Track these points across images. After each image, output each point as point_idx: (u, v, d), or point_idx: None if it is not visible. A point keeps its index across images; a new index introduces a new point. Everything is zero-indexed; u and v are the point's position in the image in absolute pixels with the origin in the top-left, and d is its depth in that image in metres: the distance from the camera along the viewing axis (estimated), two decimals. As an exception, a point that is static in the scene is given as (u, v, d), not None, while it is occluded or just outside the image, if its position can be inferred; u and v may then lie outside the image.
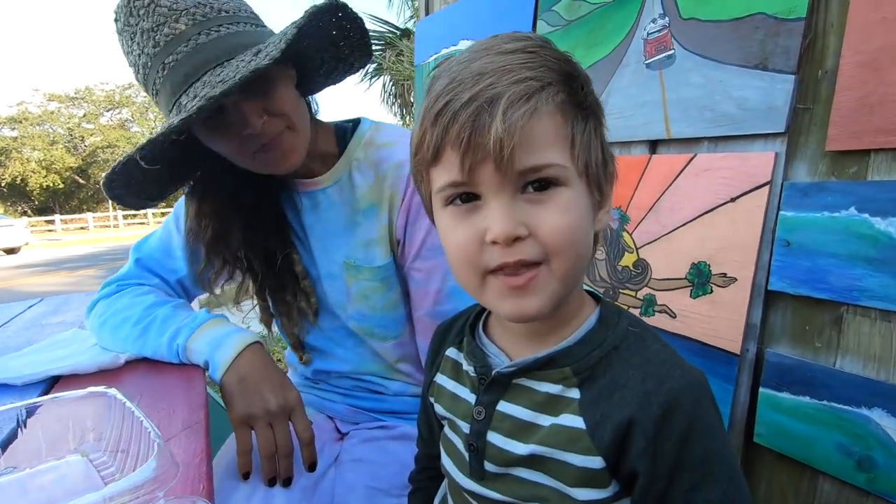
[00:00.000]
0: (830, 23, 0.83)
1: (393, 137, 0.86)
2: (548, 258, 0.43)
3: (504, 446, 0.49)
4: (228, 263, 0.88)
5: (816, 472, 0.85)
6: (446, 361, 0.59)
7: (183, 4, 0.67)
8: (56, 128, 32.52)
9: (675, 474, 0.42)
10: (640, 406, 0.43)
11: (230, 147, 0.73)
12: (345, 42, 0.78)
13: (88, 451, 0.48)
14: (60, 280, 8.72)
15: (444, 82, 0.44)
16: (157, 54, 0.68)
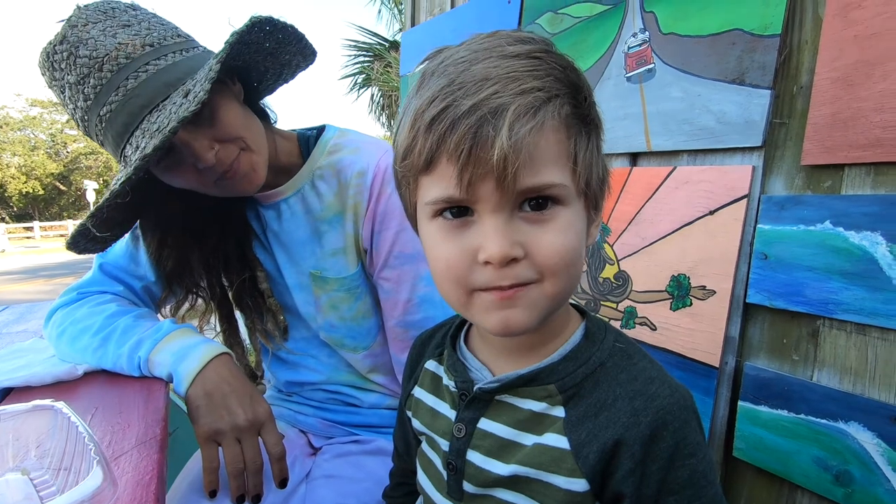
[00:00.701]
0: (805, 40, 0.84)
1: (357, 145, 0.85)
2: (542, 278, 0.41)
3: (484, 466, 0.46)
4: (191, 293, 0.88)
5: (795, 486, 0.84)
6: (425, 374, 0.56)
7: (103, 50, 0.63)
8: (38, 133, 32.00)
9: (660, 497, 0.41)
10: (628, 426, 0.41)
11: (190, 182, 0.71)
12: (284, 49, 0.75)
13: (30, 468, 0.44)
14: (37, 288, 8.50)
15: (441, 83, 0.39)
16: (91, 107, 0.65)
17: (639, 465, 0.41)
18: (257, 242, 0.88)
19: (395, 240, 0.79)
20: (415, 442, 0.58)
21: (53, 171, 31.22)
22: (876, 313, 0.74)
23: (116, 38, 0.64)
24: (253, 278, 0.88)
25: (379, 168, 0.79)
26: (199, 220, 0.83)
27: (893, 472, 0.72)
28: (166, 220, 0.82)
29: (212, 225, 0.85)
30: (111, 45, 0.64)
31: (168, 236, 0.83)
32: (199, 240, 0.84)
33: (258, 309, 0.91)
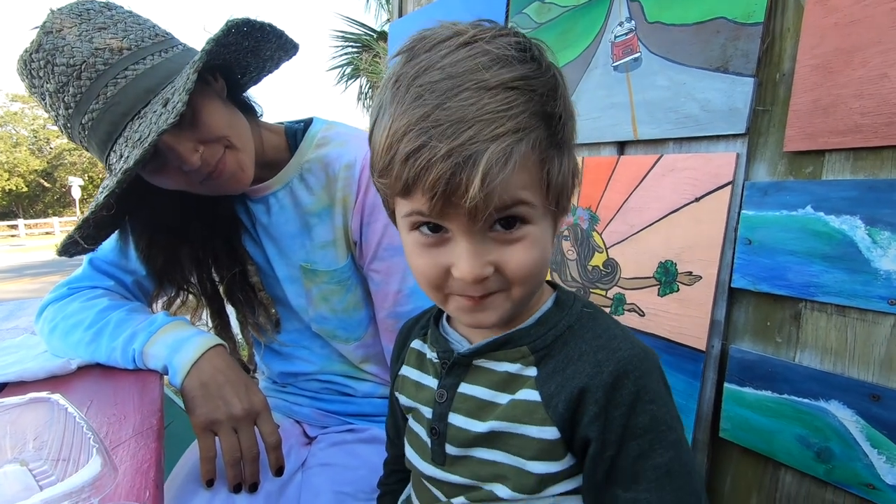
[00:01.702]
0: (787, 27, 0.85)
1: (345, 138, 0.85)
2: (510, 287, 0.45)
3: (464, 426, 0.50)
4: (182, 290, 0.88)
5: (779, 465, 0.87)
6: (411, 353, 0.59)
7: (80, 57, 0.63)
8: (20, 129, 31.38)
9: (623, 442, 0.44)
10: (592, 375, 0.45)
11: (178, 183, 0.72)
12: (264, 46, 0.75)
13: (28, 459, 0.45)
14: (23, 287, 8.39)
15: (416, 112, 0.40)
16: (72, 115, 0.65)
17: (602, 411, 0.44)
18: (247, 236, 0.88)
19: (384, 232, 0.79)
20: (404, 423, 0.60)
21: (37, 167, 30.70)
22: (855, 295, 0.76)
23: (93, 43, 0.63)
24: (243, 272, 0.88)
25: (367, 160, 0.80)
26: (187, 217, 0.83)
27: (872, 448, 0.75)
28: (153, 219, 0.82)
29: (199, 221, 0.85)
30: (88, 50, 0.63)
31: (156, 234, 0.83)
32: (187, 237, 0.85)
33: (249, 303, 0.91)
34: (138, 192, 0.75)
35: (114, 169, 0.65)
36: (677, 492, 0.44)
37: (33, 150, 31.39)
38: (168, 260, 0.84)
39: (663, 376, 0.48)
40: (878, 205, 0.74)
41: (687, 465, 0.45)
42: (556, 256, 1.30)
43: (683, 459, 0.45)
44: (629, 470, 0.44)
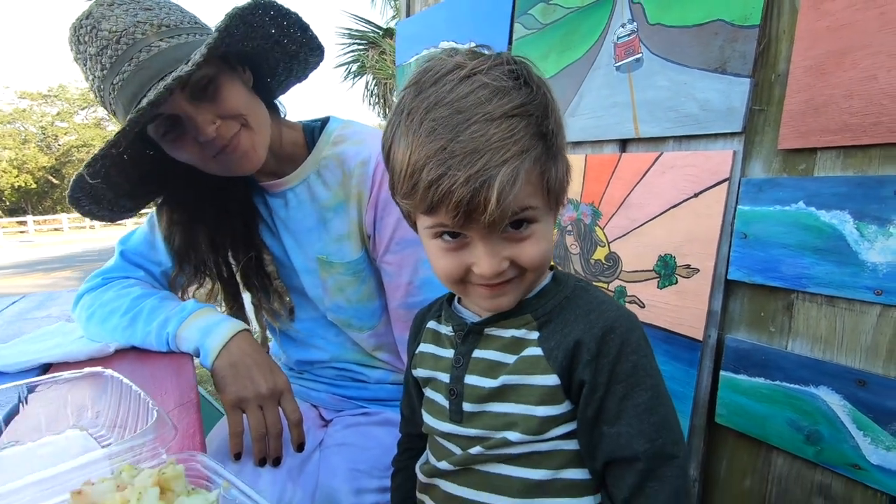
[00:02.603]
0: (782, 30, 0.89)
1: (360, 135, 0.89)
2: (523, 274, 0.54)
3: (478, 384, 0.57)
4: (198, 270, 0.92)
5: (771, 448, 0.91)
6: (427, 332, 0.66)
7: (122, 25, 0.69)
8: (28, 126, 31.64)
9: (610, 384, 0.52)
10: (585, 330, 0.53)
11: (193, 155, 0.76)
12: (288, 39, 0.80)
13: (87, 426, 0.50)
14: (35, 282, 8.51)
15: (434, 145, 0.46)
16: (106, 76, 0.71)
17: (593, 358, 0.52)
18: (266, 229, 0.93)
19: (397, 226, 0.84)
20: (418, 399, 0.66)
21: (45, 164, 30.95)
22: (844, 286, 0.80)
23: (136, 18, 0.70)
24: (259, 259, 0.93)
25: (380, 158, 0.84)
26: (202, 198, 0.88)
27: (858, 430, 0.79)
28: (173, 199, 0.88)
29: (215, 205, 0.89)
30: (130, 21, 0.70)
31: (175, 213, 0.88)
32: (203, 218, 0.89)
33: (265, 289, 0.96)
34: (161, 171, 0.80)
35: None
36: (654, 424, 0.52)
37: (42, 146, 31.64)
38: (185, 240, 0.89)
39: (643, 334, 0.56)
40: (866, 200, 0.77)
41: (664, 406, 0.53)
42: (560, 251, 1.35)
43: (661, 400, 0.53)
44: (614, 409, 0.52)
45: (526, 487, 0.54)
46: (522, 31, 1.43)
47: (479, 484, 0.57)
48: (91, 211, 0.80)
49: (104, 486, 0.31)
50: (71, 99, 32.73)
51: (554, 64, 1.31)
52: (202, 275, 0.94)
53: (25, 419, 0.50)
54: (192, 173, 0.81)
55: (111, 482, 0.31)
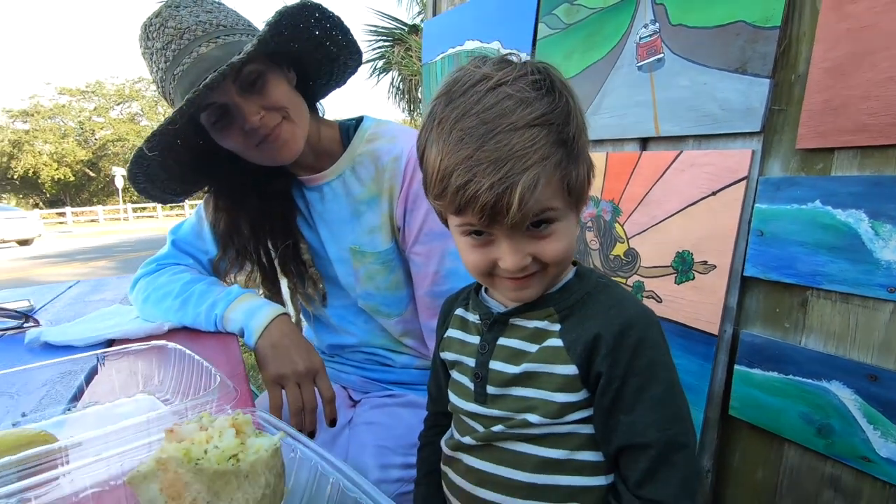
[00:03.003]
0: (803, 31, 0.91)
1: (393, 133, 0.96)
2: (545, 269, 0.57)
3: (502, 369, 0.61)
4: (239, 254, 0.99)
5: (783, 440, 0.93)
6: (455, 319, 0.70)
7: (186, 24, 0.78)
8: (67, 121, 32.86)
9: (626, 377, 0.55)
10: (604, 325, 0.56)
11: (238, 143, 0.83)
12: (330, 41, 0.87)
13: (154, 391, 0.58)
14: (75, 270, 8.90)
15: (462, 153, 0.51)
16: (168, 67, 0.79)
17: (611, 351, 0.55)
18: (302, 220, 1.00)
19: (425, 219, 0.90)
20: (445, 380, 0.71)
21: (83, 157, 32.10)
22: (858, 283, 0.82)
23: (198, 18, 0.79)
24: (296, 247, 1.00)
25: (411, 154, 0.90)
26: (247, 189, 0.95)
27: (868, 424, 0.81)
28: (218, 187, 0.95)
29: (257, 194, 0.96)
30: (193, 21, 0.79)
31: (220, 200, 0.96)
32: (246, 206, 0.96)
33: (300, 275, 1.02)
34: (205, 159, 0.87)
35: None
36: (667, 416, 0.54)
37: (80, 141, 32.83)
38: (229, 226, 0.96)
39: (661, 330, 0.58)
40: (882, 199, 0.79)
41: (677, 398, 0.56)
42: (580, 246, 1.38)
43: (674, 392, 0.56)
44: (630, 399, 0.55)
45: (542, 464, 0.59)
46: (546, 31, 1.46)
47: (498, 459, 0.61)
48: (146, 189, 0.87)
49: (190, 426, 0.37)
50: (107, 94, 33.86)
51: (577, 63, 1.34)
52: (243, 259, 1.00)
53: (102, 384, 0.58)
54: (237, 164, 0.88)
55: (195, 423, 0.38)
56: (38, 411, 0.55)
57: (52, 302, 1.14)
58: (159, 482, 0.34)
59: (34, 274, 8.61)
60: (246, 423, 0.38)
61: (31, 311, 1.01)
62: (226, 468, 0.34)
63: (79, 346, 0.76)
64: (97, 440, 0.40)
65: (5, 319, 0.91)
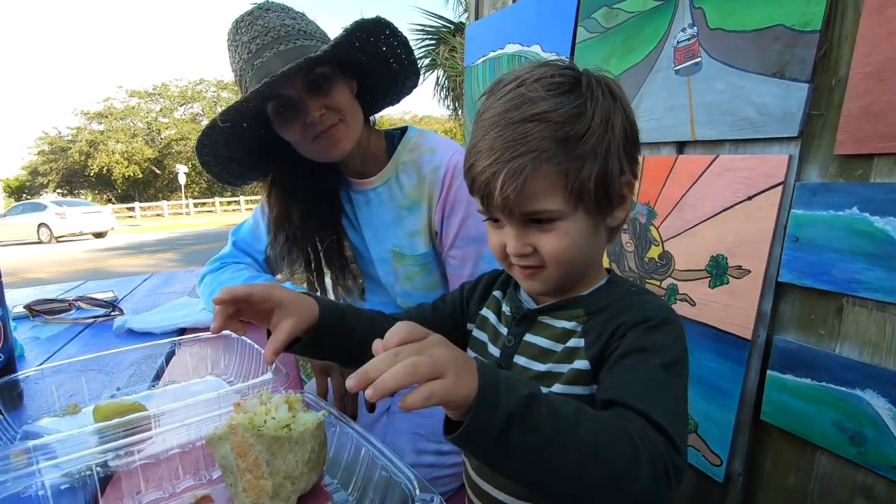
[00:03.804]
0: (844, 35, 0.89)
1: (433, 144, 1.02)
2: (547, 266, 0.60)
3: (527, 366, 0.64)
4: (288, 240, 1.07)
5: (815, 447, 0.93)
6: (492, 300, 0.74)
7: (272, 24, 0.88)
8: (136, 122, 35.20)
9: (630, 351, 0.55)
10: (622, 319, 0.58)
11: (296, 135, 0.92)
12: (394, 59, 0.95)
13: (220, 373, 0.67)
14: (143, 262, 9.60)
15: (474, 140, 0.59)
16: (249, 59, 0.89)
17: (623, 335, 0.56)
18: (347, 222, 1.09)
19: (462, 224, 0.96)
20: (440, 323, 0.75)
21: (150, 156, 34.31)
22: (895, 292, 0.81)
23: (283, 21, 0.90)
24: (339, 243, 1.08)
25: (450, 164, 0.96)
26: (300, 181, 1.04)
27: (902, 434, 0.80)
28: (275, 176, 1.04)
29: (308, 187, 1.05)
30: (279, 23, 0.89)
31: (275, 188, 1.05)
32: (298, 196, 1.04)
33: (342, 268, 1.11)
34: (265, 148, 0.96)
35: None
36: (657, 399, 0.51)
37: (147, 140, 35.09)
38: (281, 212, 1.05)
39: (682, 336, 0.58)
40: (922, 207, 0.78)
41: (674, 388, 0.53)
42: (615, 248, 1.40)
43: (674, 382, 0.53)
44: (628, 364, 0.54)
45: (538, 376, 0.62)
46: (585, 35, 1.48)
47: None
48: (208, 163, 0.96)
49: (253, 401, 0.46)
50: (171, 96, 36.00)
51: (615, 67, 1.36)
52: (292, 245, 1.07)
53: (178, 366, 0.68)
54: (293, 159, 0.97)
55: (256, 399, 0.46)
56: (128, 386, 0.66)
57: (131, 293, 1.29)
58: (230, 443, 0.42)
59: (108, 265, 9.35)
60: (296, 401, 0.46)
61: (115, 300, 1.15)
62: (280, 434, 0.43)
63: (157, 333, 0.87)
64: (179, 410, 0.49)
65: (96, 308, 1.05)
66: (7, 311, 0.63)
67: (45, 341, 0.93)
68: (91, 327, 1.01)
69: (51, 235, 14.91)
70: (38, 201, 17.23)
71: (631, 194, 0.63)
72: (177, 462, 0.48)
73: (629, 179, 0.62)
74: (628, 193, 0.62)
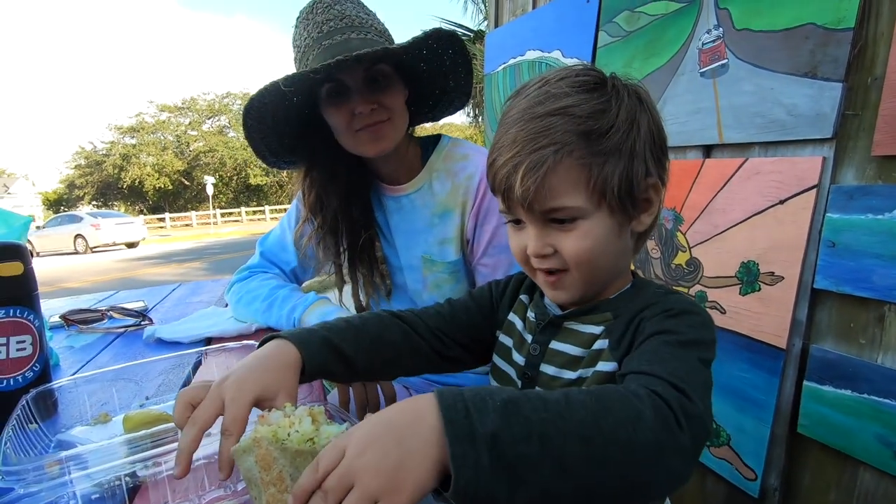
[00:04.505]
0: (881, 32, 0.86)
1: (467, 152, 1.03)
2: (570, 269, 0.58)
3: (557, 374, 0.62)
4: (324, 225, 1.05)
5: (857, 462, 0.89)
6: (519, 304, 0.72)
7: (348, 13, 0.91)
8: (166, 135, 36.34)
9: (649, 337, 0.53)
10: (643, 312, 0.56)
11: (341, 120, 0.92)
12: (452, 75, 0.97)
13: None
14: (172, 271, 9.87)
15: (497, 137, 0.58)
16: (319, 38, 0.90)
17: (641, 329, 0.54)
18: (378, 231, 1.09)
19: (494, 233, 0.96)
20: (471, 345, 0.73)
21: (179, 168, 35.35)
22: (941, 299, 0.77)
23: (359, 14, 0.93)
24: (372, 240, 1.08)
25: (483, 172, 0.96)
26: (339, 169, 1.03)
27: (953, 450, 0.76)
28: (314, 160, 1.04)
29: (345, 178, 1.04)
30: (355, 14, 0.92)
31: (313, 172, 1.04)
32: (336, 182, 1.03)
33: (371, 266, 1.10)
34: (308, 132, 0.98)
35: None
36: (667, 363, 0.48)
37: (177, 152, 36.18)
38: (318, 197, 1.04)
39: (705, 324, 0.55)
40: (969, 210, 0.74)
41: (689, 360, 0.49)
42: (640, 254, 1.37)
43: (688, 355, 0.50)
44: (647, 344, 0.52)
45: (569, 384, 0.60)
46: (607, 39, 1.46)
47: None
48: (251, 128, 0.94)
49: (276, 414, 0.46)
50: (199, 110, 37.09)
51: (638, 71, 1.34)
52: (327, 233, 1.06)
53: (204, 375, 0.69)
54: (334, 148, 0.98)
55: (280, 413, 0.46)
56: (157, 395, 0.68)
57: (161, 303, 1.32)
58: (254, 456, 0.42)
59: (140, 274, 9.65)
60: (319, 413, 0.46)
61: (145, 310, 1.18)
62: (304, 448, 0.43)
63: (184, 343, 0.89)
64: None
65: (127, 318, 1.08)
66: (43, 322, 0.66)
67: (79, 350, 0.96)
68: (122, 336, 1.04)
69: (86, 246, 15.48)
70: (74, 213, 17.92)
71: (658, 199, 0.61)
72: (203, 473, 0.48)
73: (655, 182, 0.60)
74: (655, 198, 0.60)
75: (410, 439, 0.38)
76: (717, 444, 1.15)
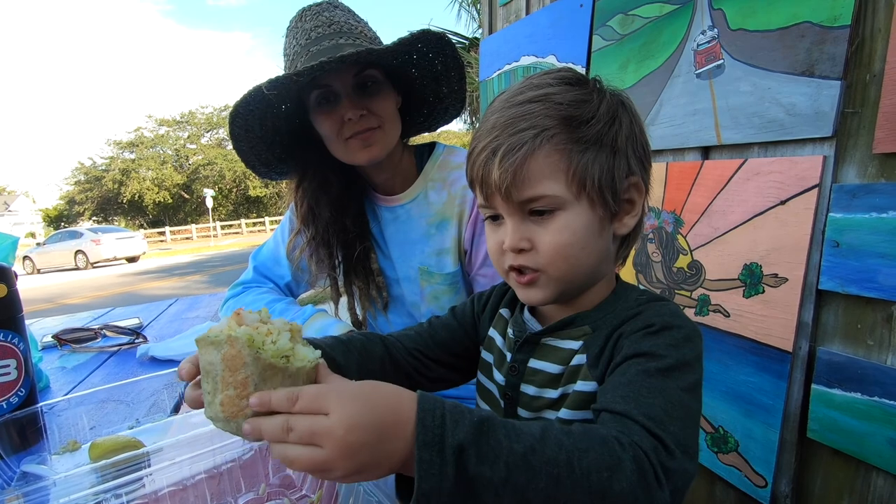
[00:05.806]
0: (878, 28, 0.85)
1: (463, 160, 1.01)
2: (545, 267, 0.55)
3: (537, 394, 0.59)
4: (317, 236, 1.03)
5: (870, 467, 0.86)
6: (499, 318, 0.69)
7: (337, 19, 0.90)
8: (165, 149, 36.48)
9: (627, 359, 0.50)
10: (622, 326, 0.54)
11: (331, 128, 0.91)
12: (445, 80, 0.95)
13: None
14: (173, 284, 9.85)
15: (478, 127, 0.58)
16: (307, 44, 0.89)
17: (619, 348, 0.52)
18: (374, 243, 1.08)
19: None
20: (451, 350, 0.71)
21: (179, 181, 35.42)
22: (951, 298, 0.75)
23: (348, 21, 0.92)
24: (367, 252, 1.06)
25: None
26: (331, 178, 1.01)
27: (970, 453, 0.73)
28: (304, 170, 1.02)
29: (339, 186, 1.02)
30: (343, 21, 0.91)
31: (305, 181, 1.02)
32: (327, 191, 1.01)
33: (366, 278, 1.08)
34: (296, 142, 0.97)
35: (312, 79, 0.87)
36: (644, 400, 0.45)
37: (176, 166, 36.27)
38: (310, 207, 1.02)
39: (687, 339, 0.51)
40: (976, 206, 0.72)
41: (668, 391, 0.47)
42: (641, 258, 1.35)
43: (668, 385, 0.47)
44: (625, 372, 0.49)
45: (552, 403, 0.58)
46: (601, 43, 1.45)
47: None
48: (238, 136, 0.91)
49: (252, 316, 0.45)
50: (198, 123, 37.25)
51: (633, 74, 1.33)
52: (320, 244, 1.04)
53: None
54: (325, 158, 0.96)
55: (256, 315, 0.45)
56: (148, 416, 0.66)
57: (156, 319, 1.30)
58: (222, 353, 0.40)
59: (139, 288, 9.63)
60: (298, 331, 0.45)
61: (140, 327, 1.17)
62: (277, 363, 0.41)
63: (178, 361, 0.88)
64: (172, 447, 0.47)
65: (121, 336, 1.06)
66: (28, 345, 0.64)
67: (71, 371, 0.95)
68: (116, 355, 1.03)
69: (87, 262, 15.46)
70: (75, 229, 17.95)
71: (640, 201, 0.60)
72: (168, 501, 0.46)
73: (638, 182, 0.59)
74: (637, 199, 0.59)
75: (389, 443, 0.38)
76: (726, 450, 1.13)
